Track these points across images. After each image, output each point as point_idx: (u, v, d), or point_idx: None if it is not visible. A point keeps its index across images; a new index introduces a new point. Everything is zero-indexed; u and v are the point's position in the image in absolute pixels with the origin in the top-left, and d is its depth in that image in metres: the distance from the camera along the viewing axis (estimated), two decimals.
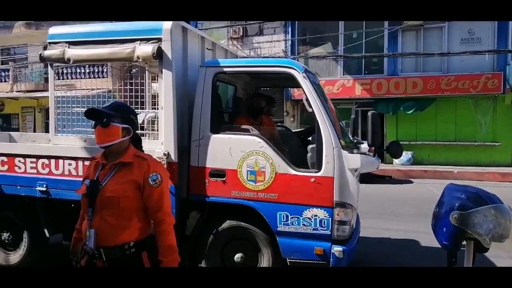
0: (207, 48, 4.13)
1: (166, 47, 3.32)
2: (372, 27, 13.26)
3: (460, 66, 12.24)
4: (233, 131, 3.57)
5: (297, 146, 3.97)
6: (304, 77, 3.39)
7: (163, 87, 3.38)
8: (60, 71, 4.03)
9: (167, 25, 3.34)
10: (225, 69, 3.63)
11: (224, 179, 3.41)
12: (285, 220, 3.30)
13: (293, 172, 3.30)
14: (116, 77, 13.77)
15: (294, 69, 3.43)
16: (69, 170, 3.61)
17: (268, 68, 3.74)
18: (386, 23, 13.40)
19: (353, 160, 3.28)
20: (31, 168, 3.72)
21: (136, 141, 2.12)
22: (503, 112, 12.06)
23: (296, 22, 14.63)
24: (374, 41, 13.57)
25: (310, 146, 3.48)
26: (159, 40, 3.33)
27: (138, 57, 3.36)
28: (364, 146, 4.15)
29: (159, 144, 3.42)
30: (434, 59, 12.72)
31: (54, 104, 3.77)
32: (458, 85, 12.10)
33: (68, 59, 3.53)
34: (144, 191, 1.97)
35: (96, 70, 11.60)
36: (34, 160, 3.71)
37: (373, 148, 3.84)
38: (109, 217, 1.94)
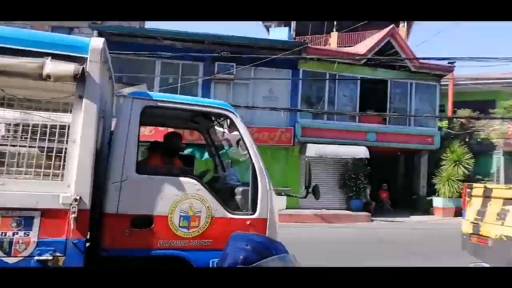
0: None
1: (93, 69, 2.79)
2: (188, 75, 14.08)
3: (262, 119, 14.40)
4: (161, 171, 3.27)
5: (225, 189, 3.85)
6: (241, 120, 3.49)
7: (82, 117, 2.79)
8: None
9: (97, 43, 2.78)
10: (159, 104, 3.34)
11: (151, 227, 3.00)
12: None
13: (229, 215, 3.22)
14: None
15: (232, 112, 3.50)
16: None
17: (206, 109, 3.61)
18: (200, 72, 14.49)
19: (280, 202, 3.58)
20: None
21: None
22: (293, 161, 14.80)
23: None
24: (189, 89, 14.33)
25: (239, 189, 3.50)
26: (82, 59, 2.78)
27: (48, 75, 2.62)
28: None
29: (65, 187, 2.74)
30: (241, 111, 14.52)
31: None
32: (260, 136, 14.09)
33: None
34: None
35: None
36: None
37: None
38: None
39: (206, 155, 13.46)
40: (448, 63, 15.61)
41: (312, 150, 14.08)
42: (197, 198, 3.12)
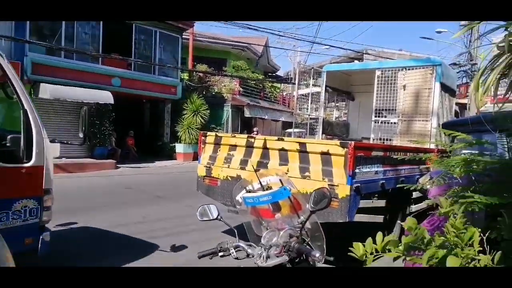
0: None
1: None
2: None
3: None
4: None
5: None
6: (8, 62, 3.30)
7: None
8: None
9: None
10: None
11: None
12: None
13: (1, 164, 3.14)
14: None
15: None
16: None
17: None
18: None
19: (55, 149, 3.58)
20: None
21: None
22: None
23: None
24: None
25: (10, 136, 3.33)
26: None
27: None
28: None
29: None
30: None
31: None
32: None
33: None
34: None
35: None
36: None
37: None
38: None
39: None
40: None
41: (47, 91, 12.10)
42: None
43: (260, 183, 1.99)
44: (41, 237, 3.37)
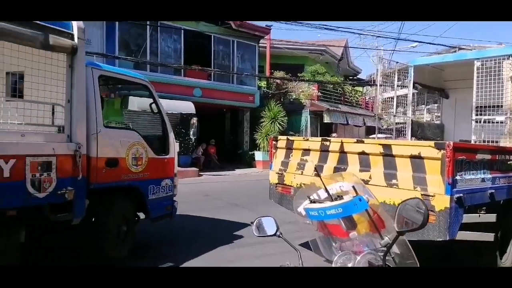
0: None
1: (81, 44, 3.77)
2: None
3: None
4: (113, 126, 4.75)
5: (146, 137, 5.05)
6: (153, 89, 5.06)
7: (76, 81, 3.75)
8: None
9: (80, 22, 3.72)
10: (107, 74, 4.58)
11: (117, 166, 4.27)
12: (153, 191, 4.69)
13: (156, 156, 4.79)
14: None
15: (149, 83, 5.00)
16: None
17: (135, 80, 5.05)
18: None
19: (177, 146, 5.25)
20: None
21: None
22: (114, 114, 13.30)
23: None
24: None
25: (158, 138, 5.16)
26: (71, 35, 3.66)
27: (52, 47, 3.47)
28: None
29: (65, 137, 3.72)
30: None
31: None
32: None
33: None
34: None
35: None
36: None
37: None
38: None
39: None
40: (265, 25, 16.46)
41: (134, 103, 12.89)
42: (139, 145, 4.54)
43: (327, 190, 1.53)
44: (174, 205, 5.09)
